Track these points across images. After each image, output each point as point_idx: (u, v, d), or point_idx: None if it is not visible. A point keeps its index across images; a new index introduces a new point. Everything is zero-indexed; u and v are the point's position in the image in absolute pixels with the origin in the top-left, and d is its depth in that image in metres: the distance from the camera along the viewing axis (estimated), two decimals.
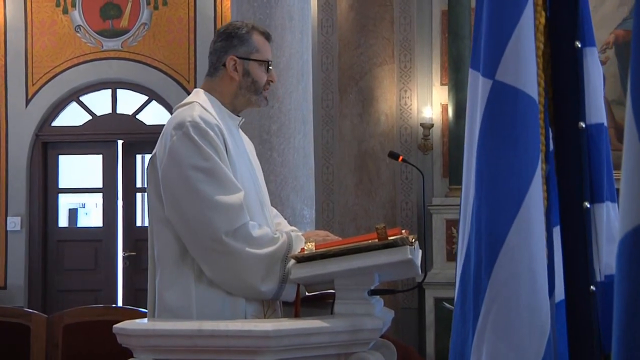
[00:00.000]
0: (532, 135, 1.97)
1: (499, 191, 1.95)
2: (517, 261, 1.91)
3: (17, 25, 8.80)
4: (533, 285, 1.91)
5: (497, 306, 1.92)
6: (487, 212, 1.96)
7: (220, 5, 8.64)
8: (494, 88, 1.99)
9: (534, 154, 1.96)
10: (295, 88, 4.88)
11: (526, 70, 1.98)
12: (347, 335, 2.40)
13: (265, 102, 2.85)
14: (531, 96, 1.97)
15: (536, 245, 1.93)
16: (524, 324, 1.90)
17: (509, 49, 1.98)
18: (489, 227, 1.95)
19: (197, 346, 2.31)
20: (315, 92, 6.27)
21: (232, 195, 2.52)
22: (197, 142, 2.54)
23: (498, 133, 1.98)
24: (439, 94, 8.03)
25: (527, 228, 1.92)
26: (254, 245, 2.52)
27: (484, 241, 1.96)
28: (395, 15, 7.99)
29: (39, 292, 8.70)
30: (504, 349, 1.91)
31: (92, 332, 4.17)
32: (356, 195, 7.75)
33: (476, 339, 1.96)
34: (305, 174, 4.93)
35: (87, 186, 9.32)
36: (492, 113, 1.99)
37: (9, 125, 8.75)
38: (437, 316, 7.35)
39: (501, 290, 1.92)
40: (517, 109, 1.96)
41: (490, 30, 2.02)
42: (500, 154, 1.96)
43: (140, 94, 8.89)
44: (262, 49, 2.80)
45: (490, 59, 2.01)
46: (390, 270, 2.51)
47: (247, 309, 2.58)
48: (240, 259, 2.51)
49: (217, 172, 2.53)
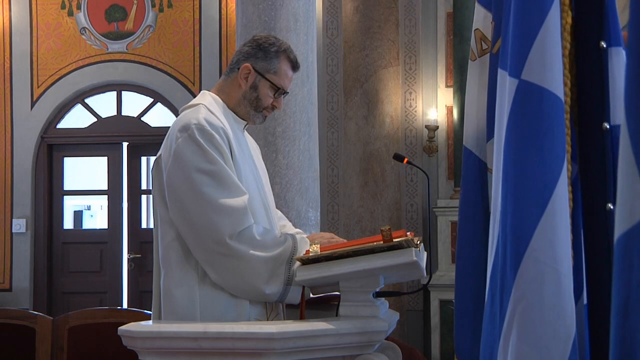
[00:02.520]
0: (558, 135, 1.96)
1: (525, 192, 1.94)
2: (541, 263, 1.90)
3: (22, 28, 8.82)
4: (558, 288, 1.90)
5: (522, 308, 1.91)
6: (512, 213, 1.95)
7: (226, 8, 8.65)
8: (520, 87, 1.98)
9: (559, 154, 1.95)
10: (300, 90, 4.88)
11: (552, 69, 1.97)
12: (352, 338, 2.40)
13: (262, 120, 2.81)
14: (557, 95, 1.96)
15: (561, 248, 1.91)
16: (549, 326, 1.89)
17: (535, 48, 1.97)
18: (514, 228, 1.94)
19: (202, 348, 2.31)
20: (320, 94, 6.27)
21: (236, 198, 2.52)
22: (202, 144, 2.53)
23: (524, 132, 1.97)
24: (444, 96, 8.02)
25: (552, 230, 1.91)
26: (258, 248, 2.51)
27: (509, 242, 1.95)
28: (400, 18, 7.98)
29: (44, 294, 8.71)
30: (528, 351, 1.90)
31: (97, 334, 4.17)
32: (361, 197, 7.75)
33: (502, 340, 1.96)
34: (310, 176, 4.93)
35: (92, 188, 9.34)
36: (518, 112, 1.98)
37: (14, 128, 8.77)
38: (442, 318, 7.35)
39: (526, 291, 1.91)
40: (542, 108, 1.95)
41: (517, 30, 2.01)
42: (525, 154, 1.95)
43: (145, 96, 8.91)
44: (281, 73, 2.76)
45: (516, 58, 2.00)
46: (395, 273, 2.51)
47: (251, 312, 2.58)
48: (245, 262, 2.50)
49: (222, 175, 2.53)
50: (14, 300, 8.47)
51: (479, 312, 2.23)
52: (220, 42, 8.66)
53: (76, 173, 9.23)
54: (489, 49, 2.45)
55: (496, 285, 2.04)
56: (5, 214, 8.72)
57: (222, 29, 8.66)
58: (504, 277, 1.98)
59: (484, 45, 2.48)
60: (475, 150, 2.49)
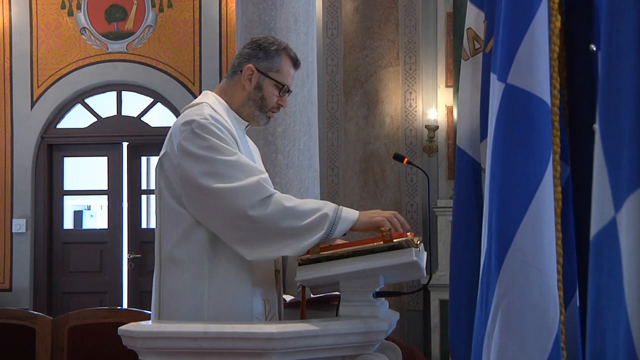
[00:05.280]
0: (543, 137, 1.98)
1: (509, 191, 1.97)
2: (524, 261, 1.93)
3: (22, 28, 8.82)
4: (540, 285, 1.92)
5: (505, 304, 1.94)
6: (497, 212, 1.98)
7: (226, 8, 8.65)
8: (507, 91, 2.00)
9: (543, 156, 1.97)
10: (300, 90, 4.88)
11: (538, 73, 1.98)
12: (352, 338, 2.40)
13: (266, 121, 2.81)
14: (543, 99, 1.98)
15: (545, 246, 1.93)
16: (530, 322, 1.92)
17: (521, 52, 1.99)
18: (499, 226, 1.97)
19: (202, 348, 2.31)
20: (320, 94, 6.27)
21: (249, 177, 2.49)
22: (206, 137, 2.53)
23: (509, 136, 1.99)
24: (444, 96, 8.02)
25: (535, 228, 1.93)
26: (289, 215, 2.47)
27: (494, 240, 1.98)
28: (400, 18, 7.98)
29: (44, 294, 8.71)
30: (510, 346, 1.93)
31: (97, 334, 4.17)
32: (361, 197, 7.75)
33: (486, 338, 1.99)
34: (310, 176, 4.93)
35: (92, 188, 9.34)
36: (504, 116, 2.01)
37: (14, 128, 8.77)
38: (442, 318, 7.35)
39: (508, 289, 1.94)
40: (528, 112, 1.97)
41: (504, 34, 2.03)
42: (510, 156, 1.98)
43: (146, 96, 8.91)
44: (284, 71, 2.77)
45: (503, 62, 2.03)
46: (395, 273, 2.51)
47: (253, 310, 2.58)
48: (277, 220, 2.46)
49: (229, 161, 2.51)
50: (14, 300, 8.48)
51: (472, 312, 2.24)
52: (220, 42, 8.66)
53: (76, 173, 9.23)
54: (481, 49, 2.45)
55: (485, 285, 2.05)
56: (5, 214, 8.72)
57: (222, 29, 8.66)
58: (489, 274, 2.01)
59: (477, 44, 2.49)
60: (468, 150, 2.50)
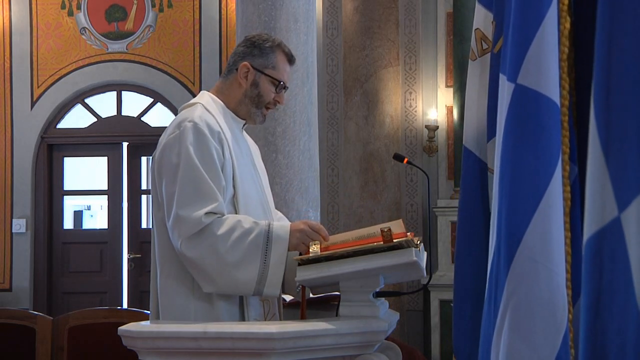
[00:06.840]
0: (552, 137, 1.99)
1: (518, 190, 1.98)
2: (533, 260, 1.94)
3: (22, 28, 8.82)
4: (549, 284, 1.93)
5: (514, 303, 1.95)
6: (506, 211, 1.99)
7: (226, 8, 8.65)
8: (516, 91, 2.02)
9: (553, 156, 1.98)
10: (300, 90, 4.88)
11: (548, 74, 2.00)
12: (352, 338, 2.40)
13: (262, 119, 2.81)
14: (552, 99, 1.99)
15: (554, 245, 1.95)
16: (539, 321, 1.93)
17: (531, 52, 2.00)
18: (508, 226, 1.98)
19: (201, 348, 2.31)
20: (320, 94, 6.27)
21: (197, 209, 2.48)
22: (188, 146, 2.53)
23: (518, 135, 2.00)
24: (444, 96, 8.02)
25: (544, 227, 1.94)
26: (216, 242, 2.48)
27: (503, 239, 1.99)
28: (400, 18, 7.98)
29: (44, 294, 8.71)
30: (519, 344, 1.93)
31: (97, 334, 4.17)
32: (361, 197, 7.75)
33: (495, 335, 2.00)
34: (310, 176, 4.93)
35: (92, 188, 9.34)
36: (514, 115, 2.02)
37: (14, 128, 8.77)
38: (442, 318, 7.34)
39: (517, 287, 1.95)
40: (537, 112, 1.99)
41: (514, 34, 2.05)
42: (519, 156, 1.99)
43: (146, 96, 8.91)
44: (280, 67, 2.78)
45: (513, 62, 2.04)
46: (395, 273, 2.51)
47: (250, 313, 2.58)
48: (202, 259, 2.49)
49: (196, 181, 2.51)
50: (14, 300, 8.47)
51: (477, 312, 2.24)
52: (220, 42, 8.66)
53: (76, 173, 9.23)
54: (489, 49, 2.46)
55: (492, 283, 2.06)
56: (5, 214, 8.72)
57: (222, 29, 8.66)
58: (498, 273, 2.02)
59: (484, 45, 2.49)
60: (475, 150, 2.50)
